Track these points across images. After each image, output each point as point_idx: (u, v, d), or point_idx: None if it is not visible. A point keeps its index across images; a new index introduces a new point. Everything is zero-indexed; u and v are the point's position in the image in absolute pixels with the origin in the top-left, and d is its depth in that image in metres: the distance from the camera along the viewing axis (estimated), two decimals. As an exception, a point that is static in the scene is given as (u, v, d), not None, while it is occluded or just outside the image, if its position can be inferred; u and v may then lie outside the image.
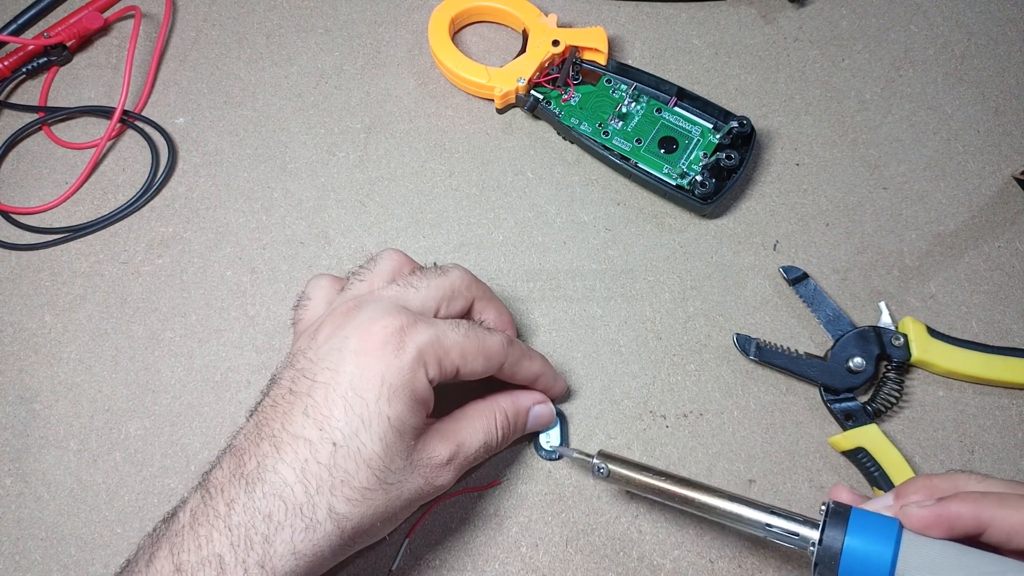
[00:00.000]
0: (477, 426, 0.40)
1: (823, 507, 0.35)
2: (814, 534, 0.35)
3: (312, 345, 0.37)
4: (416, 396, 0.36)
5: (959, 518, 0.33)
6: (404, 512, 0.37)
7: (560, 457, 0.45)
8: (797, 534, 0.35)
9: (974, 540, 0.33)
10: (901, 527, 0.33)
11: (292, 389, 0.36)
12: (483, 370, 0.39)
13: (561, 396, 0.45)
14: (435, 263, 0.41)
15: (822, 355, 0.47)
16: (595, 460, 0.40)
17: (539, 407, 0.43)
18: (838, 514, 0.34)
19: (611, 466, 0.39)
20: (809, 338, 0.48)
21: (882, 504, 0.35)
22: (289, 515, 0.33)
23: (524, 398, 0.43)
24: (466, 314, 0.41)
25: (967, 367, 0.46)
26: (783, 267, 0.49)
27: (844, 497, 0.36)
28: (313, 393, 0.35)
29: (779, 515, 0.36)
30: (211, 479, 0.35)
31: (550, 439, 0.45)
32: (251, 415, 0.37)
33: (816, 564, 0.34)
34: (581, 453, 0.41)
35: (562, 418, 0.46)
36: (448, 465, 0.38)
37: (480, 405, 0.41)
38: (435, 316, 0.39)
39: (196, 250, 0.51)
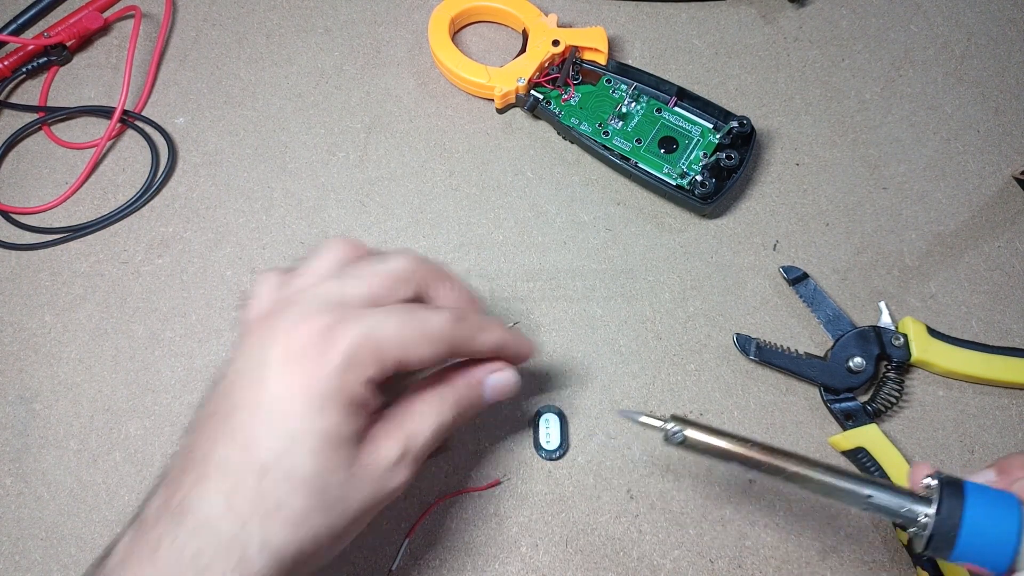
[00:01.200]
0: (425, 410, 0.35)
1: (929, 480, 0.33)
2: (926, 508, 0.32)
3: (237, 356, 0.33)
4: (352, 401, 0.32)
5: None
6: (355, 528, 0.33)
7: (564, 455, 0.45)
8: (903, 508, 0.32)
9: None
10: (1021, 504, 0.31)
11: (215, 410, 0.32)
12: (432, 356, 0.34)
13: (528, 358, 0.40)
14: (378, 250, 0.38)
15: (822, 355, 0.47)
16: (669, 425, 0.35)
17: (496, 376, 0.38)
18: (952, 486, 0.32)
19: (688, 432, 0.35)
20: (809, 338, 0.48)
21: (983, 478, 0.33)
22: (220, 552, 0.30)
23: (477, 369, 0.38)
24: (419, 300, 0.37)
25: (967, 367, 0.46)
26: (783, 267, 0.49)
27: (927, 471, 0.34)
28: (236, 413, 0.32)
29: (882, 488, 0.33)
30: (145, 511, 0.32)
31: (550, 439, 0.45)
32: (183, 434, 0.34)
33: (931, 538, 0.32)
34: (651, 417, 0.36)
35: (562, 418, 0.46)
36: (399, 464, 0.34)
37: (426, 386, 0.36)
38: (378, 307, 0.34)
39: (196, 250, 0.51)
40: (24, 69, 0.56)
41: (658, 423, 0.35)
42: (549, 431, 0.45)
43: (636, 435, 0.46)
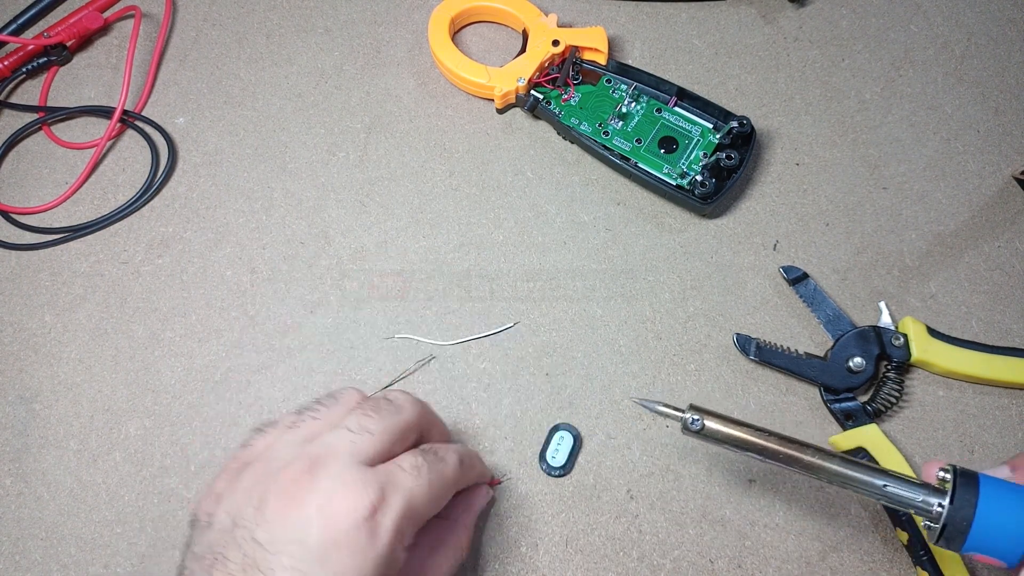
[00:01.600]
0: (444, 559, 0.38)
1: (943, 473, 0.33)
2: (940, 499, 0.32)
3: (260, 520, 0.31)
4: (392, 572, 0.32)
5: None
6: None
7: (565, 474, 0.45)
8: (918, 499, 0.33)
9: None
10: None
11: (247, 561, 0.30)
12: (446, 500, 0.37)
13: (486, 478, 0.43)
14: (384, 396, 0.37)
15: (822, 355, 0.47)
16: (687, 414, 0.35)
17: (483, 498, 0.42)
18: (967, 478, 0.32)
19: (707, 421, 0.35)
20: (809, 338, 0.48)
21: (999, 475, 0.33)
22: None
23: (476, 501, 0.41)
24: (420, 441, 0.38)
25: (967, 367, 0.46)
26: (783, 267, 0.49)
27: (940, 466, 0.34)
28: (266, 569, 0.30)
29: (896, 478, 0.33)
30: None
31: (556, 455, 0.45)
32: None
33: (943, 528, 0.32)
34: (668, 407, 0.36)
35: (576, 440, 0.45)
36: None
37: (442, 532, 0.39)
38: (391, 457, 0.35)
39: (196, 250, 0.51)
40: (24, 69, 0.56)
41: (677, 412, 0.36)
42: (559, 448, 0.45)
43: (636, 435, 0.46)
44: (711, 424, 0.35)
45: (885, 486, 0.33)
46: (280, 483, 0.32)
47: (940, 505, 0.32)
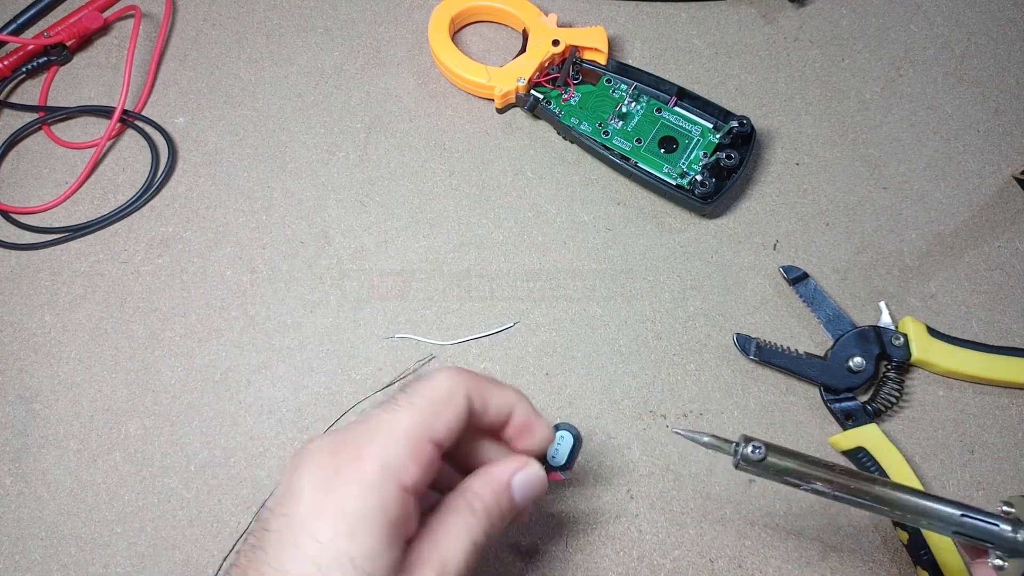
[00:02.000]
0: (454, 532, 0.32)
1: (1005, 506, 0.33)
2: (1018, 529, 0.32)
3: (275, 493, 0.31)
4: (390, 519, 0.29)
5: None
6: None
7: (567, 477, 0.44)
8: (995, 527, 0.32)
9: None
10: None
11: (253, 544, 0.30)
12: (457, 420, 0.32)
13: (546, 444, 0.36)
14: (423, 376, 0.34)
15: (822, 355, 0.47)
16: (743, 446, 0.32)
17: (522, 473, 0.34)
18: None
19: (771, 455, 0.32)
20: (809, 338, 0.48)
21: None
22: None
23: (499, 471, 0.34)
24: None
25: (967, 367, 0.46)
26: (783, 267, 0.49)
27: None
28: (266, 546, 0.29)
29: (970, 510, 0.32)
30: None
31: (556, 455, 0.45)
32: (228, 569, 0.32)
33: None
34: (716, 438, 0.33)
35: (577, 440, 0.45)
36: None
37: (449, 504, 0.33)
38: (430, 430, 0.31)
39: (196, 250, 0.51)
40: (24, 69, 0.56)
41: (727, 444, 0.33)
42: (559, 447, 0.45)
43: (636, 435, 0.46)
44: (772, 458, 0.32)
45: (963, 516, 0.32)
46: (295, 453, 0.32)
47: (1021, 535, 0.31)
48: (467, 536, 0.32)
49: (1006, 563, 0.32)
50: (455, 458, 0.35)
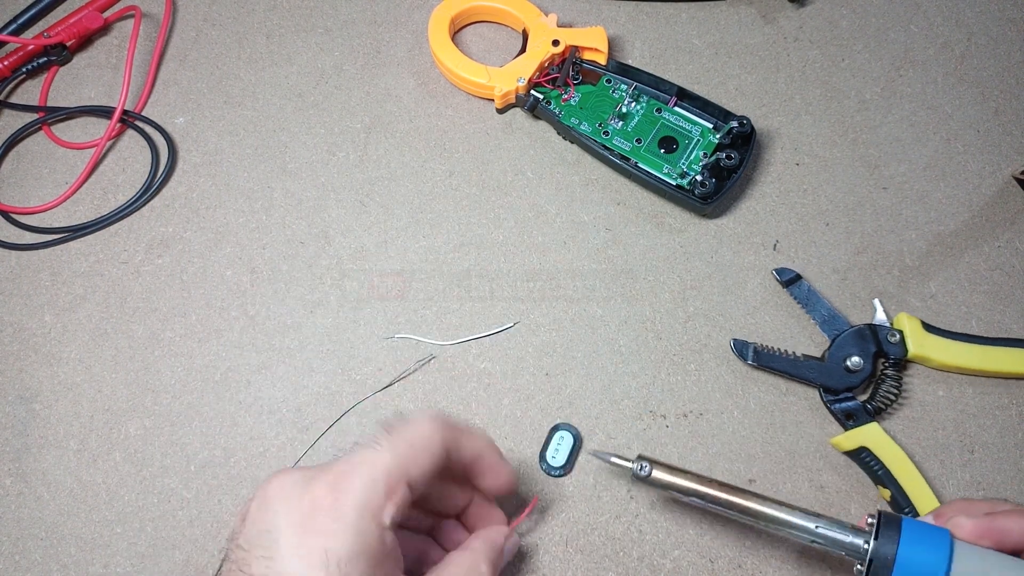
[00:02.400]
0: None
1: (870, 518, 0.35)
2: (866, 539, 0.35)
3: (241, 528, 0.32)
4: (375, 557, 0.30)
5: (1009, 532, 0.33)
6: None
7: (565, 474, 0.45)
8: (846, 541, 0.35)
9: (1020, 554, 0.33)
10: (952, 538, 0.34)
11: None
12: (432, 464, 0.33)
13: (511, 487, 0.39)
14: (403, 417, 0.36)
15: (819, 356, 0.47)
16: (634, 464, 0.39)
17: (511, 542, 0.39)
18: (890, 523, 0.34)
19: (655, 471, 0.38)
20: (809, 338, 0.48)
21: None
22: None
23: (496, 535, 0.38)
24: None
25: (964, 360, 0.46)
26: (776, 269, 0.49)
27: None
28: None
29: (828, 522, 0.36)
30: None
31: (556, 455, 0.45)
32: None
33: (870, 564, 0.34)
34: (619, 457, 0.39)
35: (576, 440, 0.45)
36: None
37: (457, 560, 0.35)
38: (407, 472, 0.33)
39: (196, 250, 0.51)
40: (24, 69, 0.56)
41: (626, 463, 0.39)
42: (559, 448, 0.45)
43: (636, 435, 0.46)
44: (658, 473, 0.38)
45: (816, 531, 0.36)
46: (261, 487, 0.32)
47: (866, 543, 0.34)
48: None
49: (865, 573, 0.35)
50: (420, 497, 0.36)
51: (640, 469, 0.38)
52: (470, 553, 0.36)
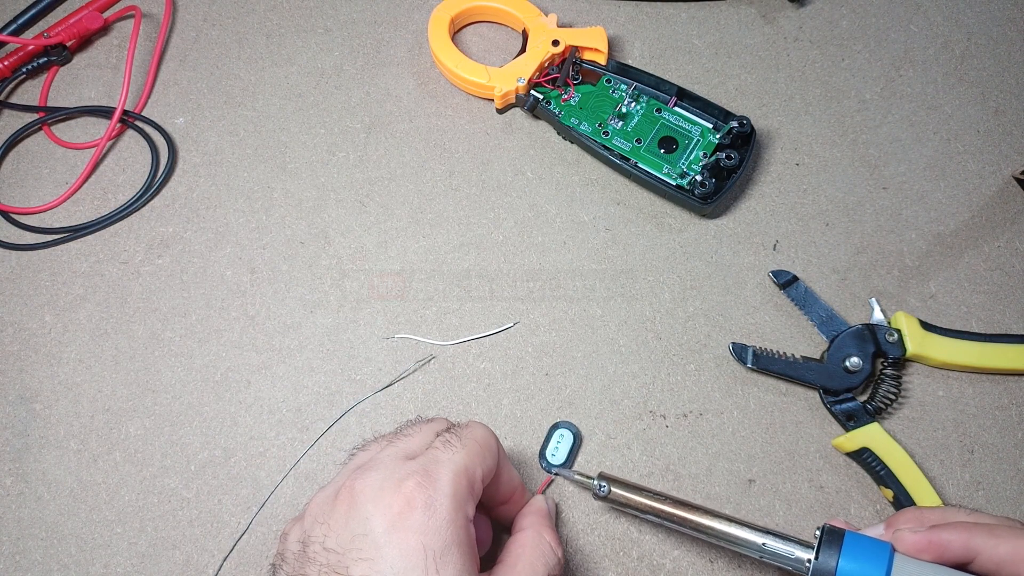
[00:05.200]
0: (534, 564, 0.36)
1: (817, 531, 0.36)
2: (809, 555, 0.36)
3: (329, 531, 0.33)
4: (465, 548, 0.33)
5: (949, 545, 0.33)
6: None
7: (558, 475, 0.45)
8: (792, 555, 0.36)
9: (962, 568, 0.34)
10: (893, 551, 0.34)
11: None
12: (494, 466, 0.37)
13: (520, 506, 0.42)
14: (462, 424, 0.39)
15: (818, 357, 0.47)
16: (595, 481, 0.40)
17: (550, 503, 0.42)
18: (832, 536, 0.35)
19: (613, 488, 0.40)
20: (808, 339, 0.48)
21: (874, 533, 0.36)
22: None
23: (539, 503, 0.41)
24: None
25: (963, 357, 0.46)
26: (773, 271, 0.49)
27: (839, 526, 0.37)
28: None
29: (775, 537, 0.37)
30: None
31: (556, 453, 0.45)
32: None
33: None
34: (581, 475, 0.41)
35: (576, 438, 0.45)
36: None
37: (521, 541, 0.38)
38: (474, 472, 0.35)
39: (196, 250, 0.51)
40: (24, 69, 0.56)
41: (588, 480, 0.41)
42: (559, 446, 0.45)
43: (636, 435, 0.46)
44: (616, 490, 0.40)
45: (764, 546, 0.37)
46: (343, 489, 0.34)
47: (808, 560, 0.35)
48: (544, 566, 0.37)
49: None
50: None
51: (600, 488, 0.40)
52: (530, 531, 0.38)
